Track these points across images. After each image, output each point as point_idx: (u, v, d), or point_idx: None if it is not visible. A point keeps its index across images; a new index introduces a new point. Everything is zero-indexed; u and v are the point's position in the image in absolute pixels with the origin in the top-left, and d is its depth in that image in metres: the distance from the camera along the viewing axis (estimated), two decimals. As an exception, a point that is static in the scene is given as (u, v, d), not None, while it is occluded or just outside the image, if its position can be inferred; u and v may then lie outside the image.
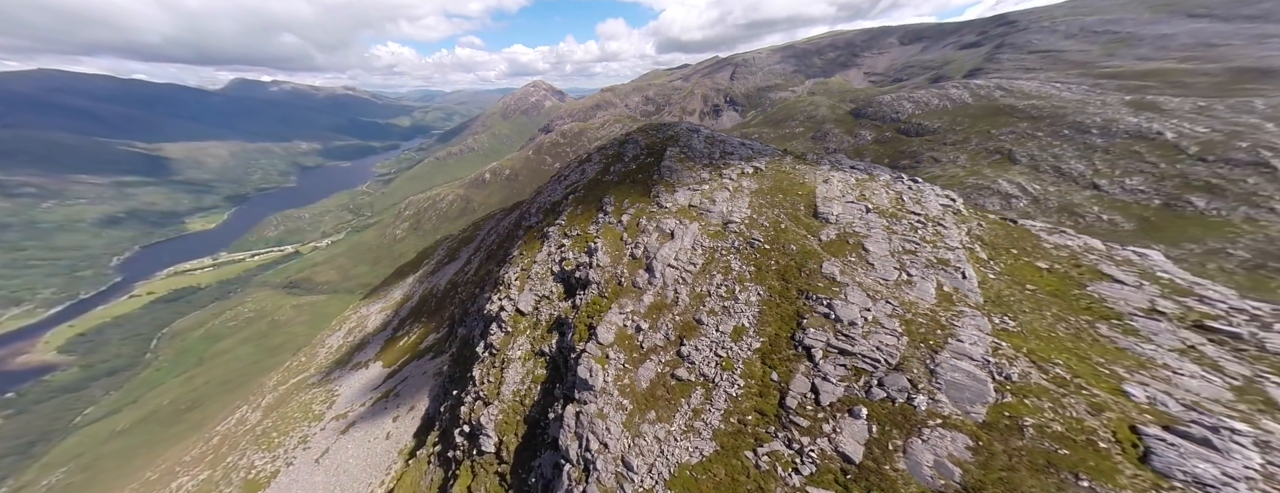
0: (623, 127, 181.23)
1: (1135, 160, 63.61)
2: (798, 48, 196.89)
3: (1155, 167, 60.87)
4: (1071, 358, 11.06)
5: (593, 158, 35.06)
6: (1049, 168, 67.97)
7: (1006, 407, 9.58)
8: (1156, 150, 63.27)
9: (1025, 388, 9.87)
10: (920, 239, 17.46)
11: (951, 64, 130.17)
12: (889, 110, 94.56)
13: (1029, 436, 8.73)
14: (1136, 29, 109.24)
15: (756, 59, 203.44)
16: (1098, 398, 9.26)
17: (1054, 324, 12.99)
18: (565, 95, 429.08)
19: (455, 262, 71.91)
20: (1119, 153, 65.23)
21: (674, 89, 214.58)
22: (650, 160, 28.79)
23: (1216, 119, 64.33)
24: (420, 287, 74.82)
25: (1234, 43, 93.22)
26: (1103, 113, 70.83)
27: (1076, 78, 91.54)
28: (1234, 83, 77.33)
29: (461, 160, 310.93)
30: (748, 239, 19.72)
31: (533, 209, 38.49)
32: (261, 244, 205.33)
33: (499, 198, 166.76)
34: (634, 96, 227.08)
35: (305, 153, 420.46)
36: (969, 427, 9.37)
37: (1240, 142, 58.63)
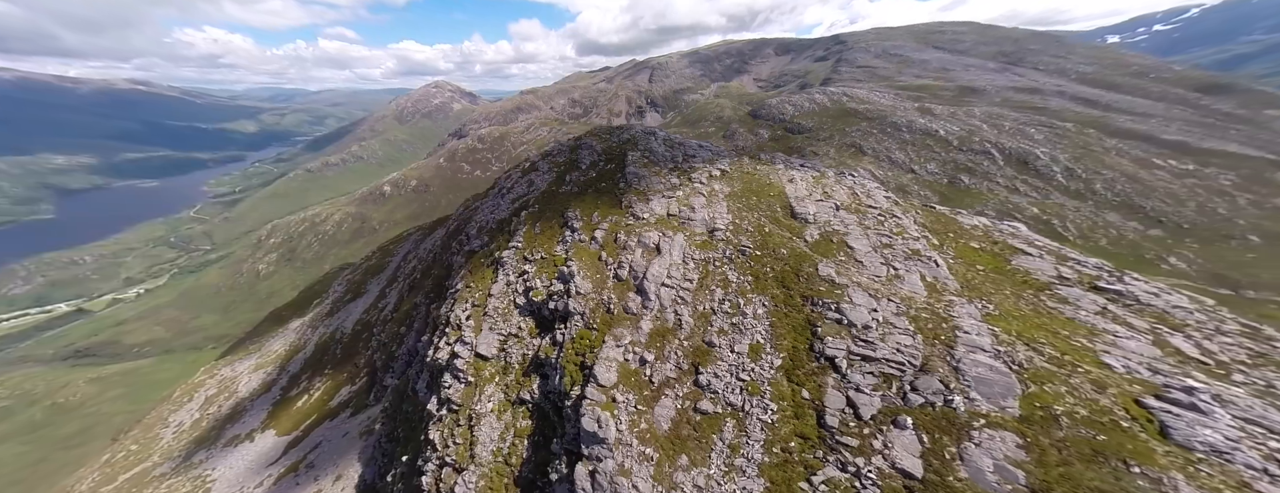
0: (551, 130, 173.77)
1: (928, 151, 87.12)
2: (701, 54, 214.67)
3: (940, 155, 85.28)
4: (1049, 335, 12.99)
5: (540, 166, 32.11)
6: (885, 157, 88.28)
7: (1034, 397, 10.75)
8: (938, 143, 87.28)
9: (1037, 374, 11.26)
10: (889, 232, 19.20)
11: (811, 74, 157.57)
12: (777, 112, 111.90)
13: (1066, 425, 9.88)
14: (910, 54, 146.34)
15: (669, 63, 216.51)
16: (1094, 374, 10.96)
17: (1017, 302, 15.21)
18: (477, 98, 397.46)
19: (363, 298, 61.21)
20: (919, 145, 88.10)
21: (598, 91, 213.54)
22: (611, 167, 27.24)
23: (960, 122, 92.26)
24: (314, 332, 62.26)
25: (956, 69, 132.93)
26: (905, 115, 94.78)
27: (885, 89, 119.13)
28: (961, 96, 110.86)
29: (346, 172, 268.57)
30: (738, 247, 19.60)
31: (471, 229, 34.02)
32: (2, 306, 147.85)
33: (406, 213, 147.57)
34: (559, 99, 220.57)
35: (66, 170, 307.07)
36: (1012, 424, 10.30)
37: (975, 137, 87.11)
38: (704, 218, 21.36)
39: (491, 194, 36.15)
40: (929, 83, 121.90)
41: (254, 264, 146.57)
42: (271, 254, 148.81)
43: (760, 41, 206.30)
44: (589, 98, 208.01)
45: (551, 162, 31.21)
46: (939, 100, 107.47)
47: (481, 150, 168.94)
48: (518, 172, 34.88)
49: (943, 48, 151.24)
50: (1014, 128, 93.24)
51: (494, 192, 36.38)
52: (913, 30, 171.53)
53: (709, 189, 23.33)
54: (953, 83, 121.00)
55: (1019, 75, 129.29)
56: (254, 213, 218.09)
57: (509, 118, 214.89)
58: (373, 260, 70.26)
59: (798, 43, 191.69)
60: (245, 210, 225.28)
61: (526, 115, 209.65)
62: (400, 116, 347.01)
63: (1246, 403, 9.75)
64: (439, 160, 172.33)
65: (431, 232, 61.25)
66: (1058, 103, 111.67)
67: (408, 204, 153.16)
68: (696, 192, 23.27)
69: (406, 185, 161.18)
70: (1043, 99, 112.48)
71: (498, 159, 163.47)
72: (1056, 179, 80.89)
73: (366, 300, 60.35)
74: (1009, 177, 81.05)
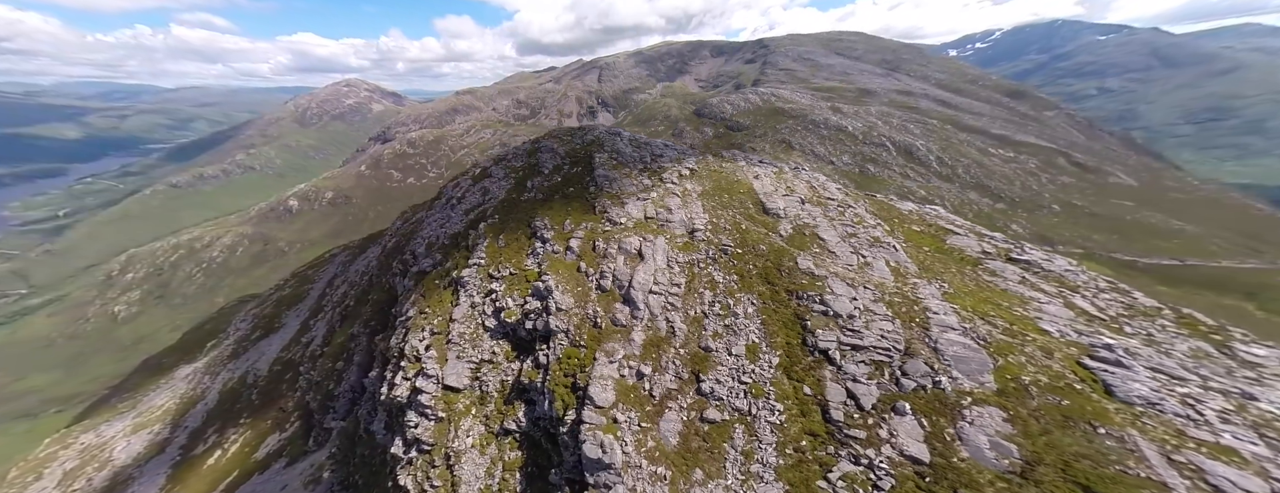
0: (495, 132, 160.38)
1: (842, 144, 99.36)
2: (645, 54, 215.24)
3: (850, 148, 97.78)
4: (995, 308, 14.63)
5: (494, 172, 28.80)
6: (809, 151, 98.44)
7: (1004, 370, 11.90)
8: (848, 138, 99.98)
9: (1000, 347, 12.54)
10: (851, 222, 20.35)
11: (743, 75, 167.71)
12: (718, 111, 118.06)
13: (1035, 394, 11.06)
14: (820, 60, 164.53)
15: (617, 63, 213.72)
16: (1040, 341, 12.50)
17: (962, 279, 17.00)
18: (403, 98, 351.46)
19: (279, 332, 51.16)
20: (834, 140, 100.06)
21: (546, 92, 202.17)
22: (578, 170, 25.29)
23: (862, 119, 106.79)
24: (214, 378, 50.89)
25: (854, 73, 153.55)
26: (822, 114, 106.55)
27: (804, 90, 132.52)
28: (860, 97, 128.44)
29: (230, 185, 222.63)
30: (719, 247, 19.24)
31: (416, 247, 29.62)
32: None
33: (324, 231, 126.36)
34: (501, 99, 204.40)
35: None
36: (993, 399, 11.28)
37: (874, 132, 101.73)
38: (682, 219, 20.74)
39: (438, 205, 31.85)
40: (836, 85, 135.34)
41: (106, 306, 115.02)
42: (132, 291, 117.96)
43: (698, 43, 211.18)
44: (536, 98, 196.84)
45: (508, 167, 28.24)
46: (844, 100, 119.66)
47: (414, 155, 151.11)
48: (468, 179, 31.08)
49: (843, 54, 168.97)
50: (899, 124, 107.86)
51: (440, 202, 32.10)
52: (819, 38, 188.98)
53: (682, 189, 22.74)
54: (852, 85, 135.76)
55: (897, 80, 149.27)
56: (92, 242, 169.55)
57: (443, 120, 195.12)
58: (287, 289, 58.68)
59: (729, 46, 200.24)
60: (77, 240, 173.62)
61: (464, 117, 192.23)
62: (302, 119, 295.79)
63: (1147, 354, 11.89)
64: (360, 168, 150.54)
65: (362, 251, 52.79)
66: (925, 104, 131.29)
67: (324, 220, 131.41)
68: (670, 192, 22.53)
69: (320, 198, 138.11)
70: (915, 100, 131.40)
71: (435, 165, 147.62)
72: (933, 166, 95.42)
73: (285, 335, 50.66)
74: (901, 165, 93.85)
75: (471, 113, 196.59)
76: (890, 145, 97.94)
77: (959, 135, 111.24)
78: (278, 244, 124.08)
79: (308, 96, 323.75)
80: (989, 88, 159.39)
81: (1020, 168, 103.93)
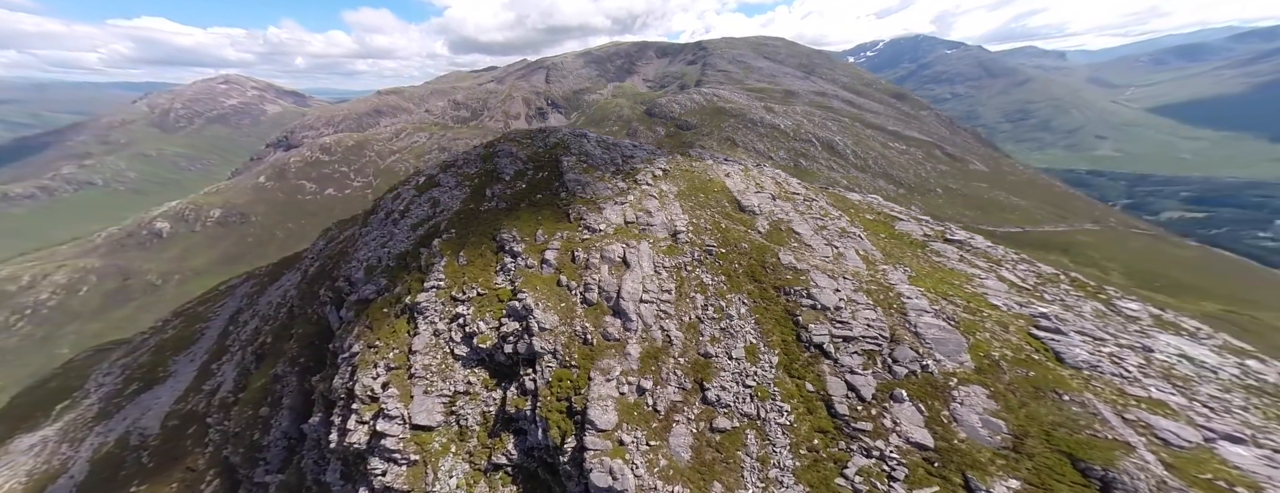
0: (432, 135, 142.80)
1: (777, 141, 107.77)
2: (594, 54, 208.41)
3: (784, 144, 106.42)
4: (950, 287, 16.11)
5: (443, 180, 25.09)
6: (751, 148, 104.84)
7: (976, 348, 13.03)
8: (782, 135, 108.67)
9: (967, 325, 13.73)
10: (818, 215, 21.15)
11: (686, 76, 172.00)
12: (667, 111, 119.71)
13: (1006, 369, 12.23)
14: (751, 62, 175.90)
15: (565, 63, 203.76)
16: (994, 316, 13.95)
17: (918, 261, 18.56)
18: (307, 98, 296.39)
19: (167, 382, 40.84)
20: (771, 137, 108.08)
21: (488, 92, 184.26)
22: (544, 175, 22.98)
23: (791, 118, 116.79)
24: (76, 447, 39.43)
25: (779, 75, 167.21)
26: (758, 114, 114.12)
27: (739, 91, 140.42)
28: (787, 98, 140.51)
29: (54, 206, 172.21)
30: (704, 248, 18.62)
31: (352, 271, 24.99)
32: None
33: (212, 257, 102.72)
34: (435, 100, 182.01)
35: None
36: (974, 377, 12.23)
37: (802, 129, 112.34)
38: (664, 221, 19.86)
39: (375, 221, 27.19)
40: (765, 86, 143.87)
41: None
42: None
43: (644, 44, 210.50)
44: (477, 99, 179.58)
45: (461, 174, 24.87)
46: (774, 101, 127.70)
47: (331, 162, 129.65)
48: (410, 189, 26.89)
49: (769, 58, 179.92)
50: (820, 122, 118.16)
51: (378, 217, 27.46)
52: (748, 42, 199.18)
53: (659, 190, 21.80)
54: (779, 87, 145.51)
55: (814, 82, 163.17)
56: None
57: (365, 122, 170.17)
58: (170, 331, 46.52)
59: (672, 47, 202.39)
60: None
61: (391, 119, 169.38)
62: (163, 121, 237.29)
63: (1071, 319, 13.90)
64: (259, 179, 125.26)
65: (274, 279, 43.76)
66: (837, 104, 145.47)
67: (211, 244, 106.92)
68: (647, 194, 21.48)
69: (203, 217, 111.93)
70: (829, 101, 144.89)
71: (360, 173, 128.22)
72: (850, 158, 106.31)
73: (177, 384, 40.67)
74: (825, 159, 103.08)
75: (399, 114, 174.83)
76: (816, 141, 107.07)
77: (866, 131, 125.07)
78: (145, 278, 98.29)
79: (167, 94, 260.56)
80: (880, 90, 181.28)
81: (911, 158, 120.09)
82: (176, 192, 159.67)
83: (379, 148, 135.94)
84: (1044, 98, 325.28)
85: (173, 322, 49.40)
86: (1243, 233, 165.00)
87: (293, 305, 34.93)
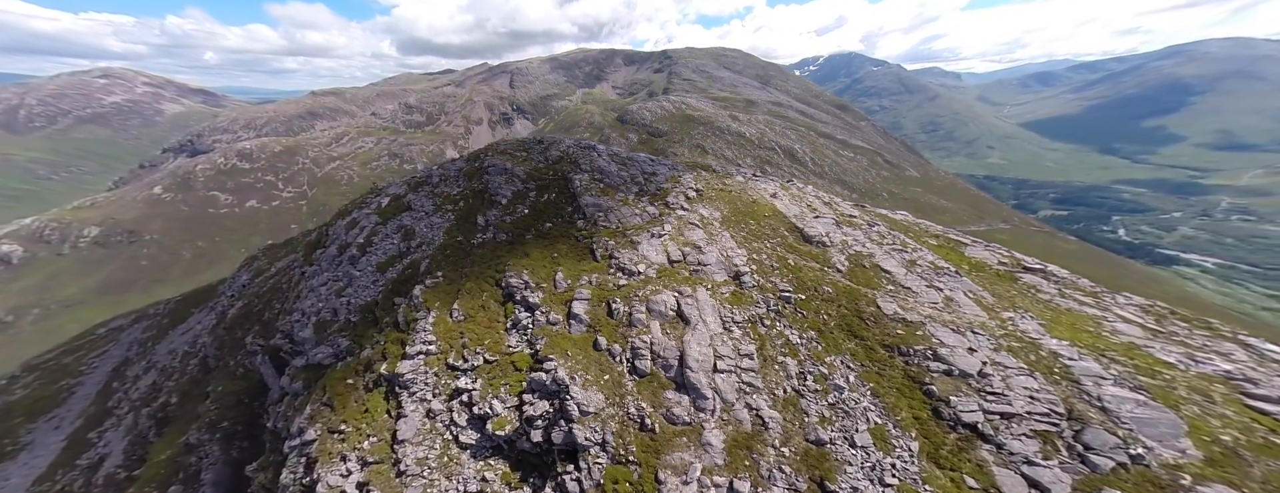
0: (380, 141, 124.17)
1: (744, 148, 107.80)
2: (561, 60, 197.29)
3: (751, 151, 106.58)
4: (1094, 337, 12.41)
5: (414, 203, 18.05)
6: (720, 155, 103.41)
7: (1196, 428, 9.61)
8: (747, 143, 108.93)
9: (1161, 394, 10.37)
10: (898, 245, 17.01)
11: (654, 84, 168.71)
12: (639, 118, 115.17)
13: (1250, 459, 8.86)
14: (713, 72, 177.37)
15: (531, 68, 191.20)
16: (1180, 378, 10.74)
17: (1033, 304, 14.58)
18: (221, 97, 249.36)
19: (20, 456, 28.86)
20: (738, 145, 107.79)
21: (445, 95, 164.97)
22: (552, 197, 16.95)
23: (755, 126, 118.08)
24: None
25: (739, 85, 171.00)
26: (725, 122, 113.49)
27: (705, 99, 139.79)
28: (748, 107, 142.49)
29: None
30: (778, 294, 13.72)
31: (299, 328, 17.26)
32: None
33: (84, 287, 78.81)
34: (383, 103, 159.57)
35: None
36: (1212, 472, 8.78)
37: (765, 138, 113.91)
38: (719, 259, 14.83)
39: (324, 258, 19.36)
40: (728, 95, 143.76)
41: None
42: None
43: (612, 51, 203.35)
44: (432, 102, 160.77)
45: (439, 196, 18.10)
46: (737, 109, 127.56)
47: (252, 170, 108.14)
48: (369, 214, 19.39)
49: (728, 68, 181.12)
50: (781, 131, 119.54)
51: (328, 253, 19.60)
52: (710, 52, 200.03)
53: (699, 216, 16.70)
54: (740, 96, 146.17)
55: (770, 93, 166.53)
56: None
57: (295, 125, 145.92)
58: (23, 390, 33.12)
59: (640, 55, 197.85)
60: None
61: (329, 123, 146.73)
62: (10, 120, 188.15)
63: (1262, 378, 10.81)
64: (154, 190, 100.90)
65: (178, 319, 32.50)
66: (792, 113, 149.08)
67: (89, 269, 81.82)
68: (687, 222, 16.30)
69: (75, 237, 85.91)
70: (785, 110, 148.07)
71: (290, 182, 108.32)
72: (809, 165, 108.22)
73: (36, 460, 29.01)
74: (788, 166, 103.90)
75: (340, 117, 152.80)
76: (779, 149, 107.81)
77: (820, 140, 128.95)
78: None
79: (16, 88, 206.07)
80: (825, 102, 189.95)
81: (858, 165, 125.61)
82: (33, 206, 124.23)
83: (315, 154, 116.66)
84: (948, 112, 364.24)
85: (24, 378, 35.67)
86: (1094, 227, 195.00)
87: (206, 355, 25.63)
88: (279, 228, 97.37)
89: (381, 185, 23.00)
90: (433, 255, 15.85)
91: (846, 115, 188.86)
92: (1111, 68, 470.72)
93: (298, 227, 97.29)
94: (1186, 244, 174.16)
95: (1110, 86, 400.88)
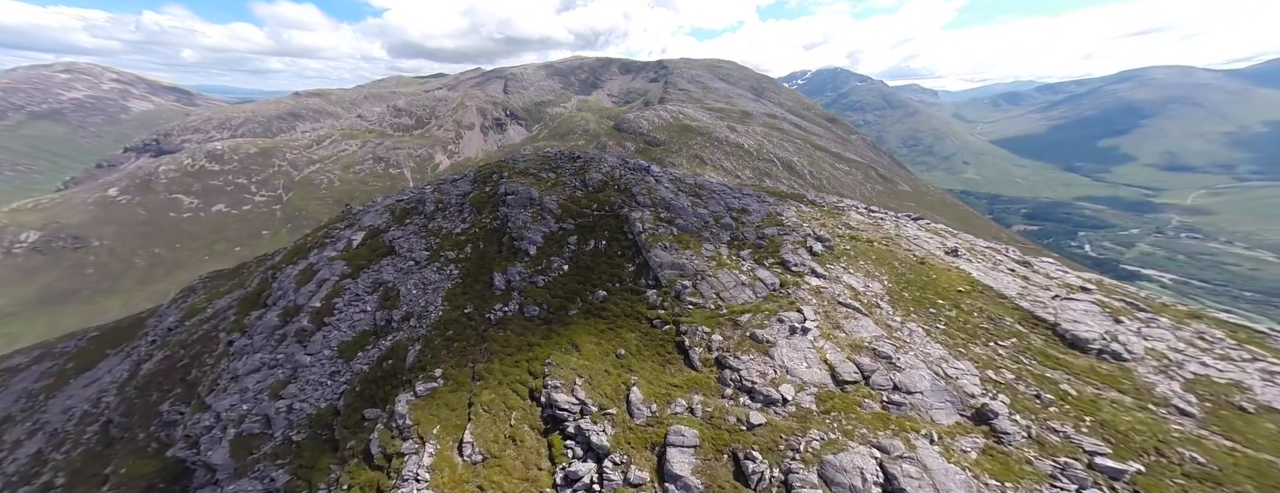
0: (365, 144, 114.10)
1: (742, 160, 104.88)
2: (557, 67, 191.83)
3: (750, 163, 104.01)
4: None
5: (400, 243, 12.16)
6: (719, 166, 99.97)
7: None
8: (746, 154, 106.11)
9: None
10: (1235, 347, 9.64)
11: (650, 93, 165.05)
12: (636, 126, 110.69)
13: None
14: (708, 82, 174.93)
15: (525, 74, 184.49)
16: None
17: None
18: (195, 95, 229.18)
19: None
20: (736, 156, 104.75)
21: (437, 99, 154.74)
22: (600, 244, 11.36)
23: (753, 137, 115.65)
24: None
25: (734, 96, 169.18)
26: (722, 132, 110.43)
27: (701, 109, 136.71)
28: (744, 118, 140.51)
29: None
30: (1084, 460, 7.63)
31: (207, 443, 11.05)
32: None
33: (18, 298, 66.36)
34: (371, 105, 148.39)
35: None
36: None
37: (764, 149, 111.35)
38: (931, 381, 8.79)
39: (258, 328, 13.03)
40: (723, 106, 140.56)
41: None
42: None
43: (607, 60, 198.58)
44: (423, 106, 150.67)
45: (435, 233, 12.43)
46: (733, 120, 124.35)
47: (222, 172, 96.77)
48: (333, 260, 13.18)
49: (723, 80, 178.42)
50: (778, 142, 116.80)
51: (266, 320, 13.27)
52: (704, 63, 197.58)
53: (849, 290, 10.72)
54: (735, 107, 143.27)
55: (765, 105, 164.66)
56: None
57: (274, 126, 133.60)
58: None
59: (635, 64, 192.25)
60: None
61: (311, 124, 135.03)
62: None
63: None
64: (109, 191, 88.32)
65: (88, 362, 24.87)
66: (786, 126, 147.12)
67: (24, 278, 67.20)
68: (835, 300, 10.34)
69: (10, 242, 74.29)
70: (779, 123, 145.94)
71: (265, 185, 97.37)
72: (807, 178, 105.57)
73: None
74: (787, 178, 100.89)
75: (323, 119, 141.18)
76: (777, 161, 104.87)
77: (815, 152, 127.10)
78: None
79: None
80: (818, 115, 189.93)
81: (854, 179, 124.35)
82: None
83: (293, 156, 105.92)
84: (928, 128, 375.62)
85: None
86: (1063, 242, 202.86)
87: (110, 421, 19.00)
88: (249, 234, 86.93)
89: (355, 210, 16.82)
90: (427, 337, 10.22)
91: (837, 128, 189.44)
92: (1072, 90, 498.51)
93: (269, 232, 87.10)
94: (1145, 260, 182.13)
95: (1071, 107, 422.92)
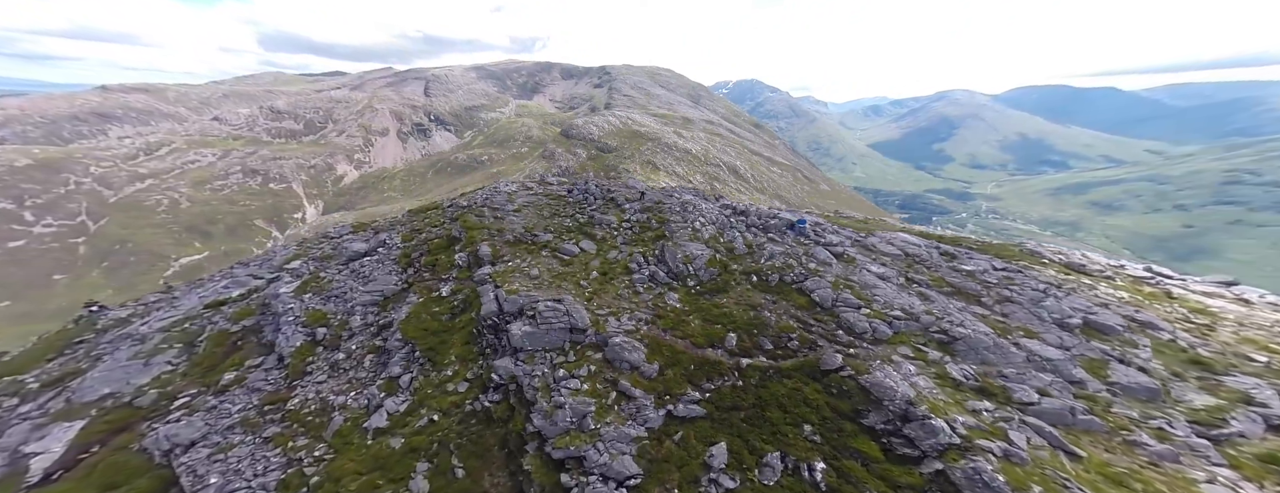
0: (226, 153, 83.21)
1: (693, 165, 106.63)
2: (491, 69, 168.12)
3: (700, 168, 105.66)
4: None
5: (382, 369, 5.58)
6: (671, 171, 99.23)
7: None
8: (695, 159, 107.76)
9: None
10: None
11: (595, 98, 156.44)
12: (585, 133, 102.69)
13: None
14: (650, 89, 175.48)
15: (452, 76, 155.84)
16: None
17: None
18: None
19: None
20: (687, 161, 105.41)
21: (334, 101, 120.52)
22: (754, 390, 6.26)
23: (698, 143, 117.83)
24: None
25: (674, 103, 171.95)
26: (671, 138, 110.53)
27: (648, 116, 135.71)
28: (686, 124, 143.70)
29: None
30: None
31: None
32: None
33: None
34: (235, 106, 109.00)
35: None
36: None
37: (710, 154, 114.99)
38: None
39: None
40: (667, 113, 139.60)
41: None
42: None
43: (548, 64, 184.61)
44: (314, 108, 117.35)
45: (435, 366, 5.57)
46: (679, 126, 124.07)
47: None
48: None
49: (664, 86, 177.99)
50: (721, 147, 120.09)
51: None
52: (645, 70, 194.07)
53: None
54: (677, 114, 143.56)
55: (702, 111, 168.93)
56: None
57: (66, 129, 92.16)
58: None
59: (578, 69, 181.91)
60: None
61: (132, 127, 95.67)
62: None
63: None
64: None
65: None
66: (723, 131, 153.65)
67: None
68: None
69: None
70: (717, 128, 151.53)
71: (52, 211, 65.71)
72: (750, 181, 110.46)
73: None
74: (734, 181, 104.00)
75: (154, 121, 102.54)
76: (723, 165, 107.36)
77: (753, 157, 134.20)
78: None
79: None
80: (746, 122, 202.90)
81: (786, 180, 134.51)
82: None
83: (103, 171, 75.10)
84: (825, 134, 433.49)
85: None
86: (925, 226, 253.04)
87: None
88: (30, 282, 57.29)
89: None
90: None
91: (763, 134, 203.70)
92: (912, 105, 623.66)
93: (67, 276, 58.62)
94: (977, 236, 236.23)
95: (913, 119, 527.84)
